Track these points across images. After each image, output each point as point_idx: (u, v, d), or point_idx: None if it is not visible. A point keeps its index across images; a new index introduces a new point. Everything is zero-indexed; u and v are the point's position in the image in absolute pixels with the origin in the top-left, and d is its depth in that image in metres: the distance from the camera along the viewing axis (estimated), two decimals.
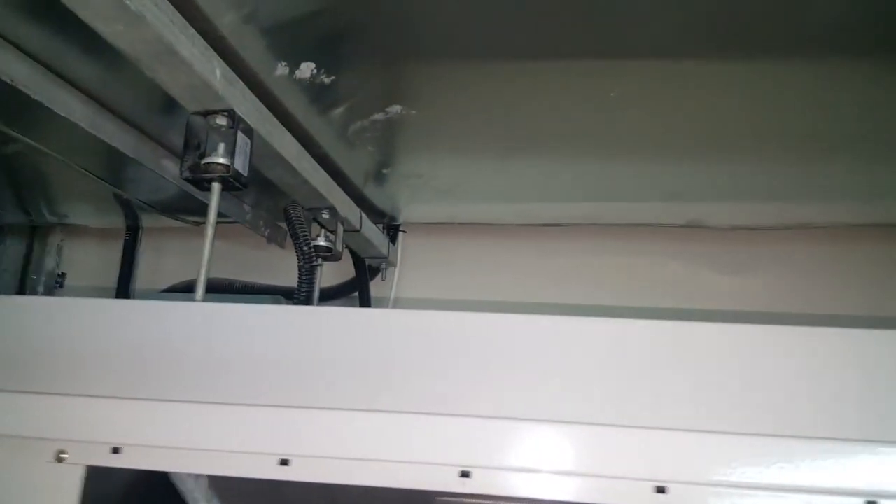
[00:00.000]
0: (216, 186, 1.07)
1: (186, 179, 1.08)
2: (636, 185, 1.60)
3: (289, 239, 1.49)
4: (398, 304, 1.95)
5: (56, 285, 2.22)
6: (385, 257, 1.82)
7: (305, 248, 1.36)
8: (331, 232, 1.47)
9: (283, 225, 1.75)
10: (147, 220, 2.08)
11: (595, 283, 1.80)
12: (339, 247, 1.45)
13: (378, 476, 0.77)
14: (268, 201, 1.70)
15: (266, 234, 1.76)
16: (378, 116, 1.24)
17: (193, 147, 1.09)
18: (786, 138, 1.42)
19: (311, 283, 1.37)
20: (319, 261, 1.42)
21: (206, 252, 1.03)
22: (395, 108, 1.21)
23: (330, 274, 1.91)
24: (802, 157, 1.48)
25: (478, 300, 1.82)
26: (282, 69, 1.11)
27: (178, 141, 1.15)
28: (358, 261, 1.85)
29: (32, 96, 1.13)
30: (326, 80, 1.14)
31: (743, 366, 0.94)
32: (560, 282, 1.81)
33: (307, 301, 1.38)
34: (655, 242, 1.80)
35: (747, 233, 1.74)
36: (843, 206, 1.68)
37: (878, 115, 1.32)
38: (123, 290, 2.10)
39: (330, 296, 1.97)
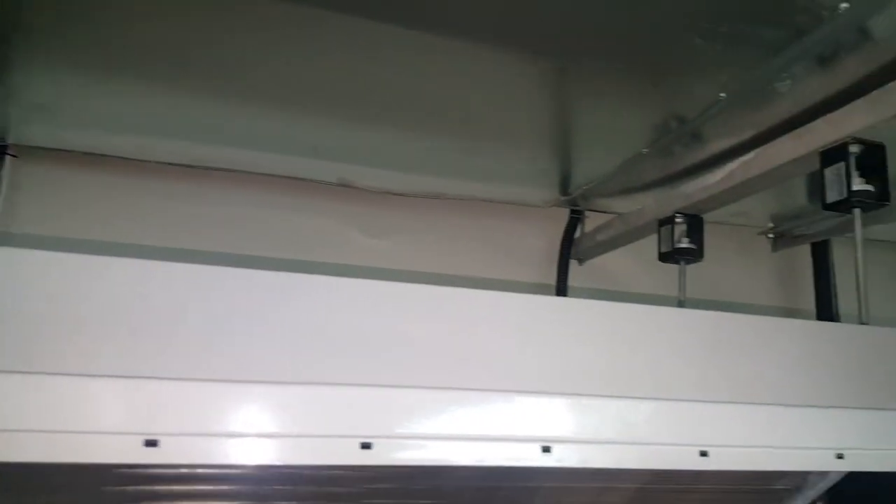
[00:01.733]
0: None
1: None
2: (283, 136, 1.54)
3: None
4: (5, 241, 1.63)
5: None
6: None
7: None
8: None
9: None
10: None
11: (237, 233, 1.71)
12: None
13: None
14: None
15: None
16: None
17: None
18: (428, 113, 1.48)
19: None
20: None
21: None
22: None
23: None
24: (444, 132, 1.56)
25: (99, 241, 1.61)
26: None
27: None
28: None
29: None
30: None
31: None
32: (198, 229, 1.68)
33: None
34: (305, 197, 1.78)
35: (394, 197, 1.81)
36: (478, 183, 1.85)
37: (503, 104, 1.44)
38: None
39: None
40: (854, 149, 1.24)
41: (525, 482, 1.13)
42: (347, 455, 0.86)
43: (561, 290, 2.00)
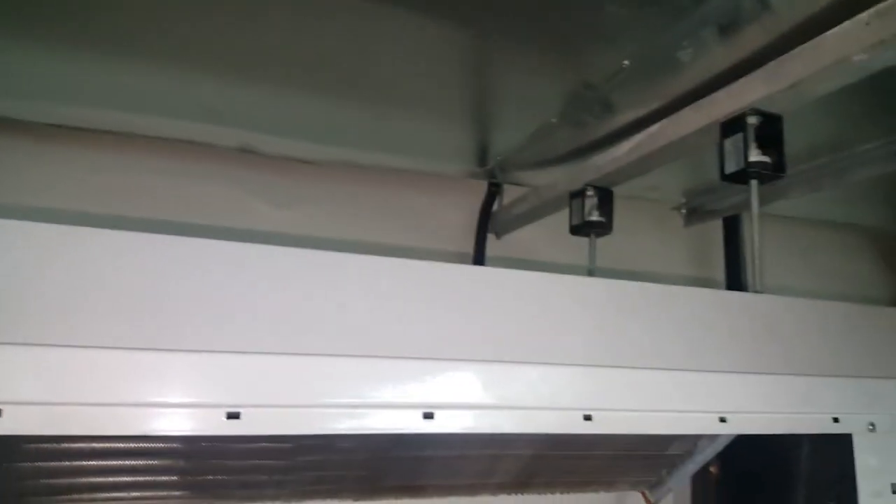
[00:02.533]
0: None
1: None
2: (179, 97, 1.44)
3: None
4: None
5: None
6: None
7: None
8: None
9: None
10: None
11: (128, 200, 1.61)
12: None
13: None
14: None
15: None
16: None
17: None
18: (336, 77, 1.41)
19: None
20: None
21: None
22: None
23: None
24: (354, 98, 1.49)
25: None
26: None
27: None
28: None
29: None
30: None
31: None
32: (87, 193, 1.57)
33: None
34: (205, 163, 1.69)
35: (301, 166, 1.74)
36: (391, 152, 1.79)
37: (415, 69, 1.39)
38: None
39: None
40: (752, 120, 1.24)
41: (415, 452, 1.10)
42: (213, 425, 0.81)
43: (478, 262, 1.97)
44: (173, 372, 0.80)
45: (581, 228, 1.64)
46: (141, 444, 1.01)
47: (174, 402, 0.80)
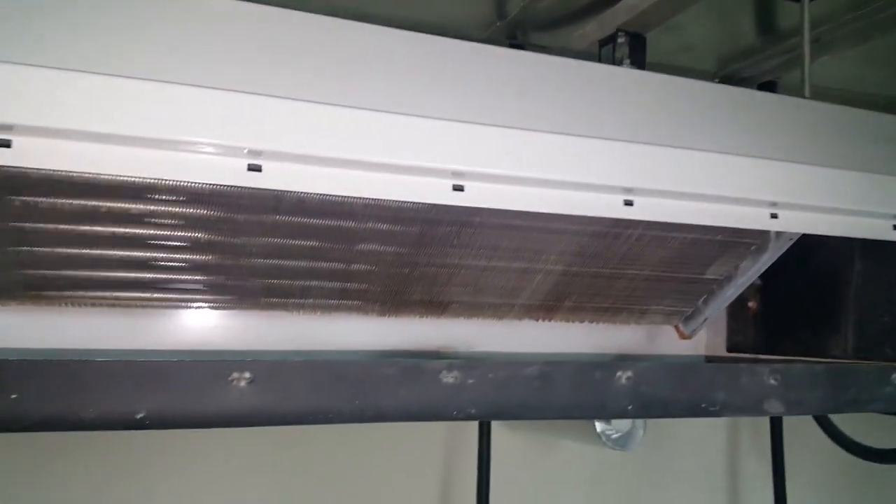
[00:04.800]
0: None
1: None
2: None
3: None
4: None
5: None
6: None
7: None
8: None
9: None
10: None
11: None
12: None
13: None
14: None
15: None
16: None
17: None
18: None
19: None
20: None
21: None
22: None
23: None
24: None
25: None
26: None
27: None
28: None
29: None
30: None
31: None
32: None
33: None
34: None
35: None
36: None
37: None
38: None
39: None
40: None
41: (440, 259, 1.03)
42: (233, 175, 0.74)
43: None
44: (193, 108, 0.71)
45: None
46: (148, 230, 0.93)
47: (195, 140, 0.72)
